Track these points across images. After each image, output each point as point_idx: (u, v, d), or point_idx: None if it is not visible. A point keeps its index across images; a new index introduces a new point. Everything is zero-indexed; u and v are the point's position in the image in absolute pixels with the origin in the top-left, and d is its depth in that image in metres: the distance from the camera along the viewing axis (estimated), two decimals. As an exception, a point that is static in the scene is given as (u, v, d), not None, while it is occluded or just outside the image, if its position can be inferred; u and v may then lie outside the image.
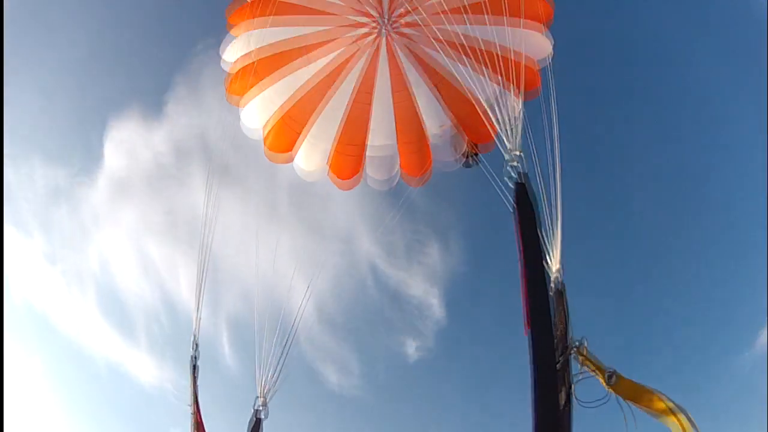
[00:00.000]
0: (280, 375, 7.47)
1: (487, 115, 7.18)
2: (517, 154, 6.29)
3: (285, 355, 7.55)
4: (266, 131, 9.81)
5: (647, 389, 4.45)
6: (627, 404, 4.50)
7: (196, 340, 7.98)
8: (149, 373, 19.66)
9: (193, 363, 7.88)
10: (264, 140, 9.89)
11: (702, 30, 17.69)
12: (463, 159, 9.68)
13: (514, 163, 6.17)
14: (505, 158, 6.28)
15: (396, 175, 9.97)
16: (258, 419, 7.26)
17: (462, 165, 9.76)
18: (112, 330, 19.95)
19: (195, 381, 7.71)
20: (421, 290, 18.51)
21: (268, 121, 9.72)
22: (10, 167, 18.06)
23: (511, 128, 6.57)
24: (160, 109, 17.81)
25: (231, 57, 9.66)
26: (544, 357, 4.60)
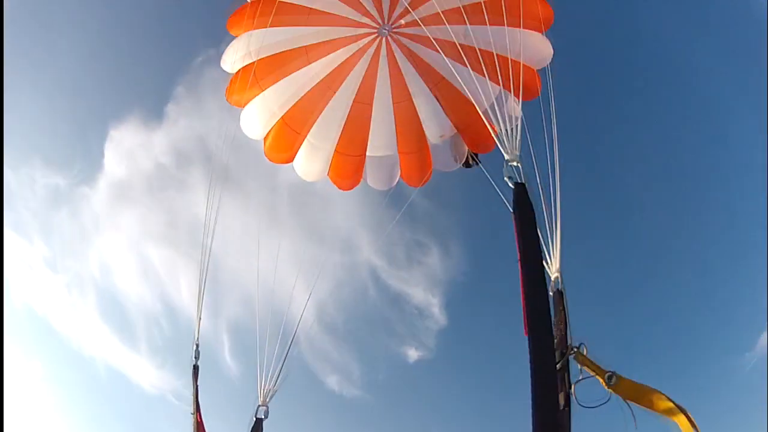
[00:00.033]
0: (280, 375, 7.46)
1: (487, 115, 7.17)
2: (517, 153, 6.28)
3: (285, 356, 7.54)
4: (266, 131, 9.82)
5: (648, 389, 4.43)
6: (628, 405, 4.49)
7: (196, 341, 7.98)
8: (149, 376, 19.69)
9: (194, 364, 7.88)
10: (264, 140, 9.90)
11: (702, 30, 17.72)
12: (464, 160, 9.69)
13: (514, 162, 6.15)
14: (505, 158, 6.26)
15: (396, 174, 9.98)
16: (258, 419, 7.24)
17: (462, 166, 9.77)
18: (113, 334, 20.00)
19: (196, 382, 7.70)
20: (421, 292, 18.52)
21: (269, 122, 9.73)
22: (11, 171, 18.11)
23: (511, 128, 6.55)
24: (161, 112, 17.87)
25: (231, 57, 9.67)
26: (544, 358, 4.58)
